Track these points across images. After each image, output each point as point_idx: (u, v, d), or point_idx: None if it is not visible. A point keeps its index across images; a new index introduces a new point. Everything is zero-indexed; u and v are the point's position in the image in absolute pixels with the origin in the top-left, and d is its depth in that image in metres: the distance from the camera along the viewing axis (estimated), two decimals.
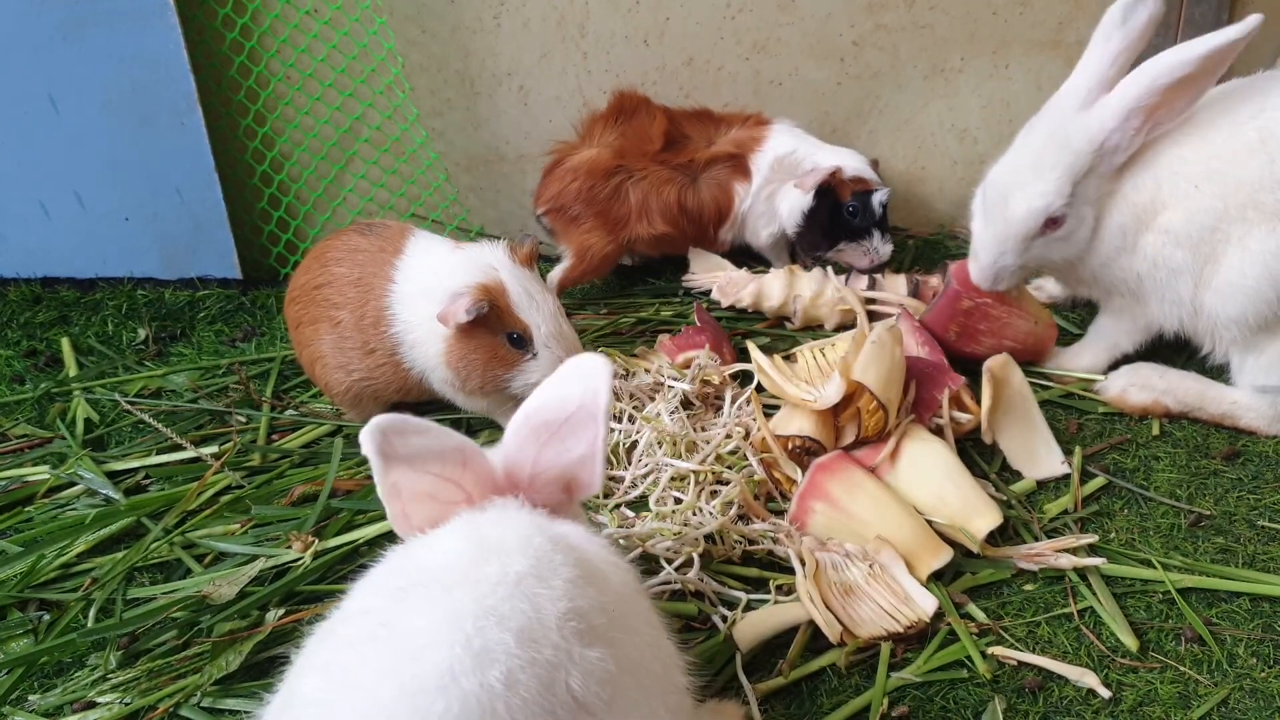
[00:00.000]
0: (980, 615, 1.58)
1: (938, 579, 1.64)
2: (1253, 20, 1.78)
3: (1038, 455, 1.92)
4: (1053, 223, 1.97)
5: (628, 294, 2.67)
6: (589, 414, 1.17)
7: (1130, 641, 1.52)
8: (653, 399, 1.99)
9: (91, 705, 1.50)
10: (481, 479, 1.16)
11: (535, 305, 1.87)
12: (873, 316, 2.31)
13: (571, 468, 1.19)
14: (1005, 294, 2.12)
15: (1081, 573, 1.65)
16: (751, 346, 1.99)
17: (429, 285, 1.91)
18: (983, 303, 2.12)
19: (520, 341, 1.88)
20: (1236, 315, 1.89)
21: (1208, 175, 1.87)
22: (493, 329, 1.88)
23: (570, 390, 1.18)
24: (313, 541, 1.75)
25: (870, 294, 2.38)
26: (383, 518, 1.77)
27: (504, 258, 1.91)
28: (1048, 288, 2.47)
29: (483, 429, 2.08)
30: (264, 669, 1.55)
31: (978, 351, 2.11)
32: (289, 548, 1.75)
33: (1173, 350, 2.14)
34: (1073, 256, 2.02)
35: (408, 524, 1.13)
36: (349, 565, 1.75)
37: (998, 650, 1.51)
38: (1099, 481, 1.87)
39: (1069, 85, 1.98)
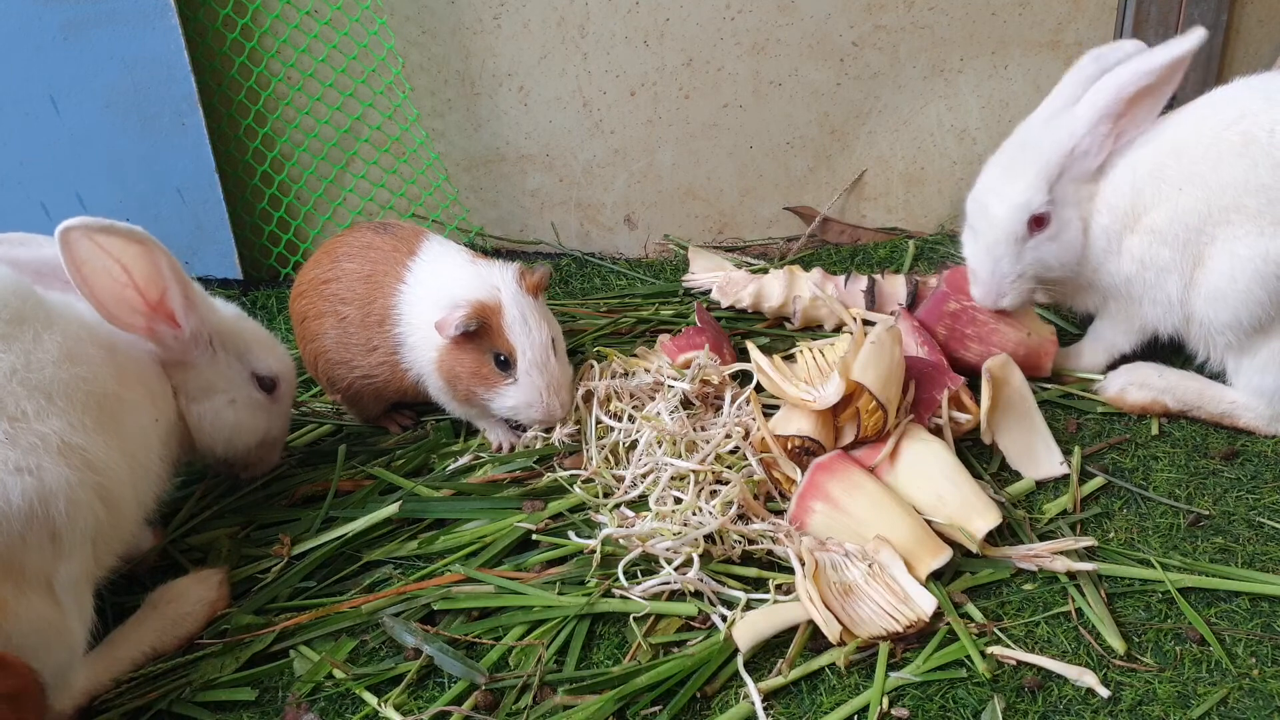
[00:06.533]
0: (979, 615, 1.59)
1: (937, 579, 1.64)
2: (1199, 32, 1.93)
3: (1037, 455, 1.93)
4: (1037, 222, 2.00)
5: (627, 294, 2.68)
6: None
7: (1118, 644, 1.51)
8: (653, 399, 2.00)
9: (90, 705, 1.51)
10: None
11: (528, 332, 1.88)
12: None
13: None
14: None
15: (1073, 575, 1.65)
16: (751, 346, 1.99)
17: (437, 292, 1.93)
18: (969, 305, 2.13)
19: (505, 364, 1.89)
20: (1230, 320, 1.90)
21: (1190, 178, 1.90)
22: (482, 347, 1.89)
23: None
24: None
25: (858, 312, 2.37)
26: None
27: (510, 280, 1.92)
28: None
29: (478, 431, 2.08)
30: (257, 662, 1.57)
31: (967, 359, 2.12)
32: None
33: (1171, 351, 2.14)
34: (1070, 261, 2.04)
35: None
36: (348, 566, 1.75)
37: (997, 650, 1.51)
38: (1098, 481, 1.87)
39: (1038, 110, 2.07)
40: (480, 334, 1.88)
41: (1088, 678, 1.46)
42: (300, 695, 1.49)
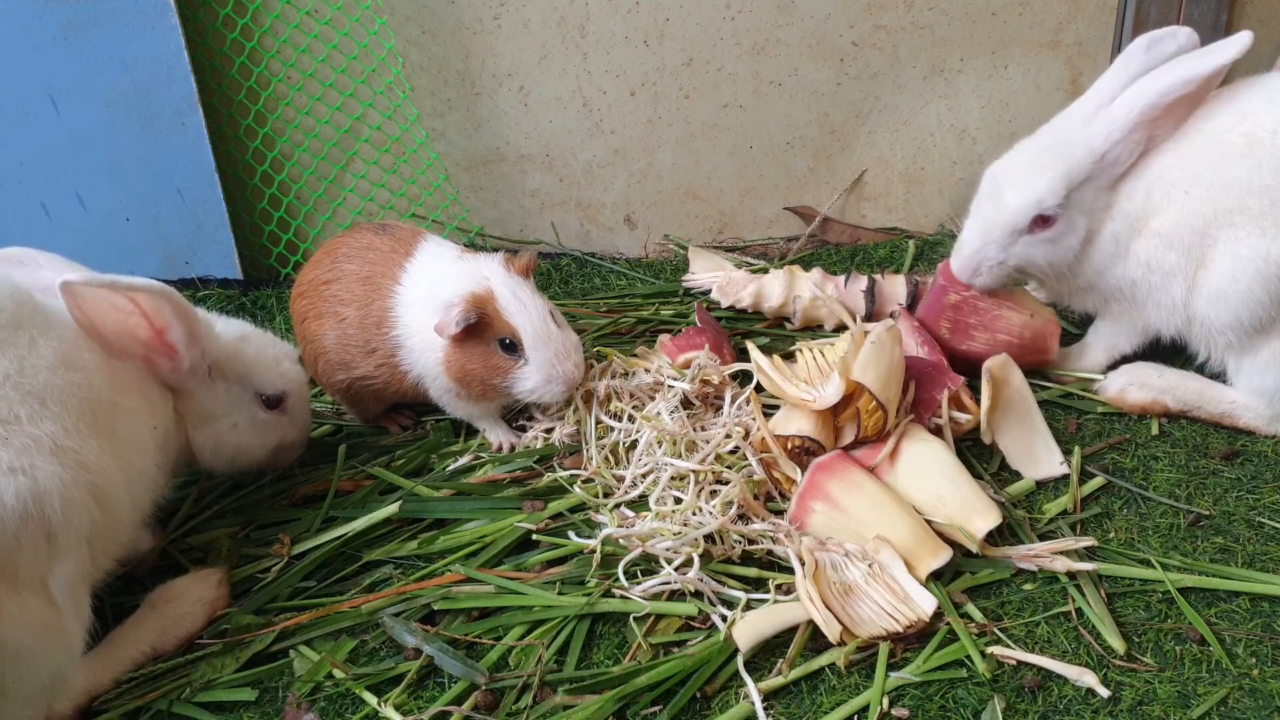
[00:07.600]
0: (979, 615, 1.59)
1: (937, 579, 1.64)
2: (1245, 36, 1.87)
3: (1037, 455, 1.93)
4: (1042, 221, 2.00)
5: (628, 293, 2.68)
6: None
7: (1118, 644, 1.52)
8: (653, 399, 1.99)
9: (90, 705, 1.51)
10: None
11: (523, 309, 1.88)
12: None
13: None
14: (995, 291, 2.14)
15: (1073, 575, 1.65)
16: (751, 346, 1.99)
17: (429, 293, 1.93)
18: (969, 295, 2.13)
19: (511, 347, 1.89)
20: (1231, 320, 1.91)
21: (1195, 180, 1.90)
22: (486, 337, 1.89)
23: None
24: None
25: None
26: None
27: (498, 268, 1.92)
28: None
29: (478, 431, 2.08)
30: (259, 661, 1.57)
31: (973, 349, 2.12)
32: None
33: (1172, 351, 2.14)
34: (1058, 263, 2.04)
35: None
36: (348, 566, 1.75)
37: (997, 650, 1.51)
38: (1098, 481, 1.87)
39: (1080, 101, 2.03)
40: (481, 325, 1.88)
41: (1088, 678, 1.46)
42: (300, 695, 1.49)
